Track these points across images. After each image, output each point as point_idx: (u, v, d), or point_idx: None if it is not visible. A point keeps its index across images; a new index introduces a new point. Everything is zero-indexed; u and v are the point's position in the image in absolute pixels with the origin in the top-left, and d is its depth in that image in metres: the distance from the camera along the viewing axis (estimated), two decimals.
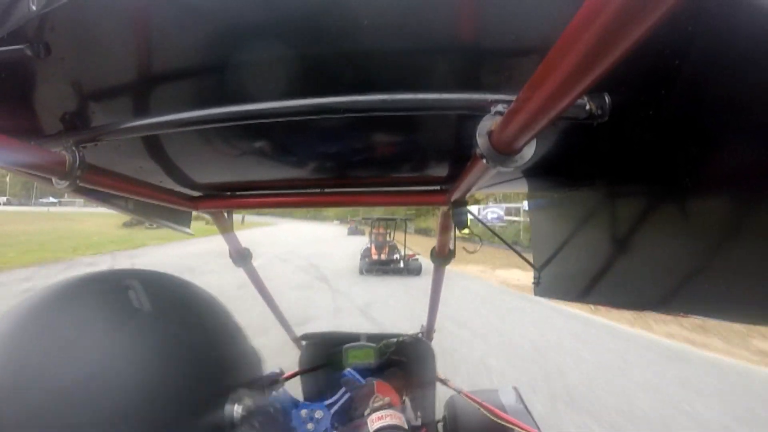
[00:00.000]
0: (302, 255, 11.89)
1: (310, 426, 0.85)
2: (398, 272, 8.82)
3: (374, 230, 10.11)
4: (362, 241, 12.29)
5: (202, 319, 0.55)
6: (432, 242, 1.01)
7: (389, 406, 0.80)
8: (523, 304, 6.21)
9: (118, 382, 0.41)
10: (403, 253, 9.30)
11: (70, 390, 0.39)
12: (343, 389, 0.97)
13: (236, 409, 0.50)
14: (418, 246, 10.59)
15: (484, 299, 6.68)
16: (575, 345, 4.36)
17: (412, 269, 8.82)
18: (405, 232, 9.98)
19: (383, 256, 9.10)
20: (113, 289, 0.48)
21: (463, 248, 0.95)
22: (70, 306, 0.46)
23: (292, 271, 8.81)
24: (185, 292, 0.57)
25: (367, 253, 9.26)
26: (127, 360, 0.43)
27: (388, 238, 9.95)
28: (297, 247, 14.43)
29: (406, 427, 0.76)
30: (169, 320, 0.49)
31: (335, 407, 0.92)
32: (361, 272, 8.88)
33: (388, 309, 5.65)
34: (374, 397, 0.84)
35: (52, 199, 45.21)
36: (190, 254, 10.73)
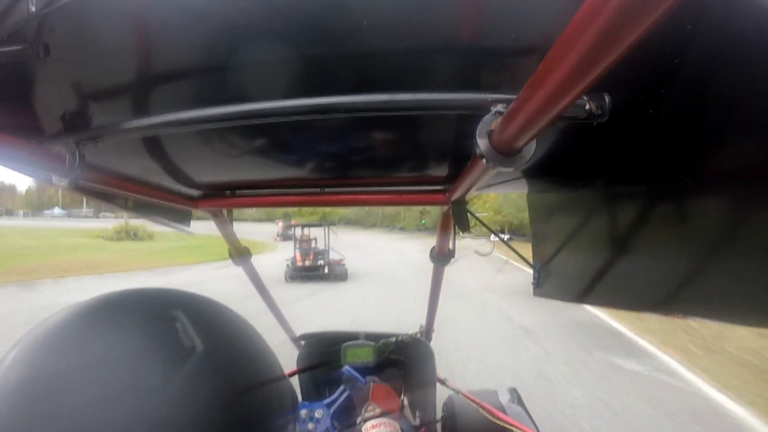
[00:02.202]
0: None
1: (310, 426, 0.85)
2: (324, 278, 9.01)
3: (299, 236, 10.15)
4: None
5: (244, 351, 0.51)
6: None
7: (382, 414, 0.80)
8: None
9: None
10: (328, 259, 9.41)
11: None
12: (342, 387, 0.97)
13: None
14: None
15: None
16: None
17: (337, 275, 9.02)
18: (327, 236, 10.07)
19: (308, 263, 9.22)
20: (160, 321, 0.44)
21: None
22: (115, 339, 0.41)
23: None
24: (225, 319, 0.53)
25: (292, 259, 9.39)
26: (186, 406, 0.39)
27: (314, 245, 10.02)
28: None
29: None
30: (219, 358, 0.45)
31: (334, 406, 0.92)
32: (286, 279, 9.02)
33: None
34: (367, 405, 0.84)
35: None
36: None
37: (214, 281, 8.92)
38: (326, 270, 9.17)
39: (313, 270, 9.13)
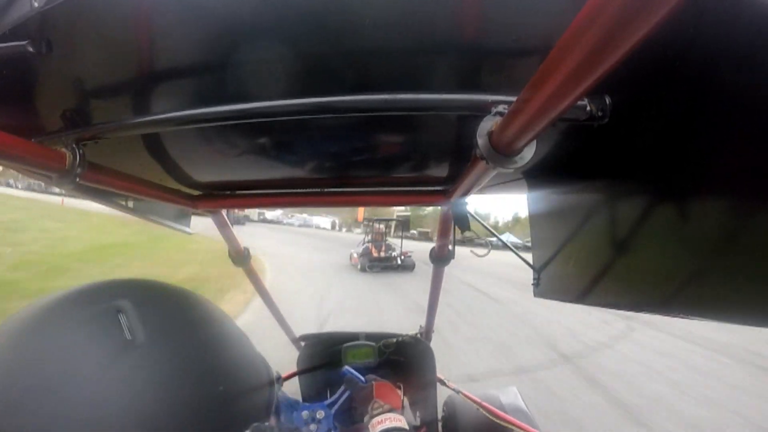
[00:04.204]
0: None
1: (312, 427, 0.84)
2: (395, 268, 10.14)
3: (372, 231, 11.33)
4: None
5: (203, 337, 0.49)
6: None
7: (390, 410, 0.80)
8: None
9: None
10: (399, 251, 10.58)
11: None
12: (342, 388, 0.97)
13: None
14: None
15: None
16: None
17: (407, 265, 10.33)
18: (402, 232, 11.37)
19: (382, 254, 10.35)
20: (102, 315, 0.42)
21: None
22: (50, 339, 0.40)
23: None
24: (181, 306, 0.51)
25: (366, 251, 10.42)
26: (115, 406, 0.37)
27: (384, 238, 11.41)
28: None
29: (407, 427, 0.77)
30: (166, 349, 0.43)
31: (336, 406, 0.92)
32: (363, 269, 9.84)
33: None
34: (373, 403, 0.85)
35: None
36: None
37: None
38: (398, 261, 10.31)
39: (385, 261, 10.31)
